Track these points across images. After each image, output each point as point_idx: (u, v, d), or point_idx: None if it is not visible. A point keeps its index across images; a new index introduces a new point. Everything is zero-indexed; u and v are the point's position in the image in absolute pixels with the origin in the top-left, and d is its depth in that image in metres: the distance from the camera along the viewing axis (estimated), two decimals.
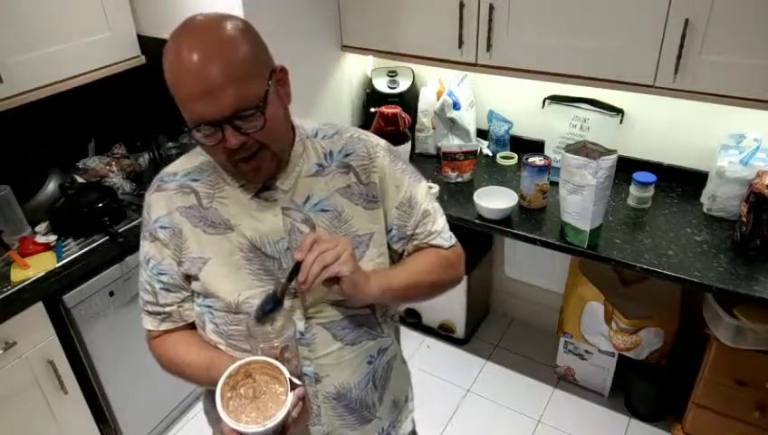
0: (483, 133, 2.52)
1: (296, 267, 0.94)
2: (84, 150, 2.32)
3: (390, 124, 2.27)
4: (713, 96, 1.74)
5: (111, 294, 1.97)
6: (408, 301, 1.20)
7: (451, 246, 1.17)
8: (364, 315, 1.10)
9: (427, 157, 2.55)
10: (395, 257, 1.15)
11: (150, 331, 1.11)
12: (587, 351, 2.35)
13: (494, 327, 2.83)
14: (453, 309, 2.64)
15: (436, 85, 2.46)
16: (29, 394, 1.83)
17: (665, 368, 2.18)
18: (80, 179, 2.17)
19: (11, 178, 1.99)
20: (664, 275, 1.77)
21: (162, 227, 1.04)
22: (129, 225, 2.04)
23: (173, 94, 0.89)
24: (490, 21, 1.98)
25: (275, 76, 0.94)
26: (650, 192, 2.07)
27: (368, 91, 2.64)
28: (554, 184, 1.99)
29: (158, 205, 1.05)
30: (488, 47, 2.03)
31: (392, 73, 2.58)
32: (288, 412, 0.88)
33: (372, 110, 2.50)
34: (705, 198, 2.04)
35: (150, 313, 1.09)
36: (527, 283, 2.69)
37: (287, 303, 1.01)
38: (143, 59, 2.22)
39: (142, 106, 2.30)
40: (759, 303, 1.65)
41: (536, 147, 2.32)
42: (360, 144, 1.10)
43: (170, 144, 2.39)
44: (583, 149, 1.76)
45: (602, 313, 2.12)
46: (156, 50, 0.91)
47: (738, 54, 1.65)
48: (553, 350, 2.47)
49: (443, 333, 2.74)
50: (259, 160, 0.95)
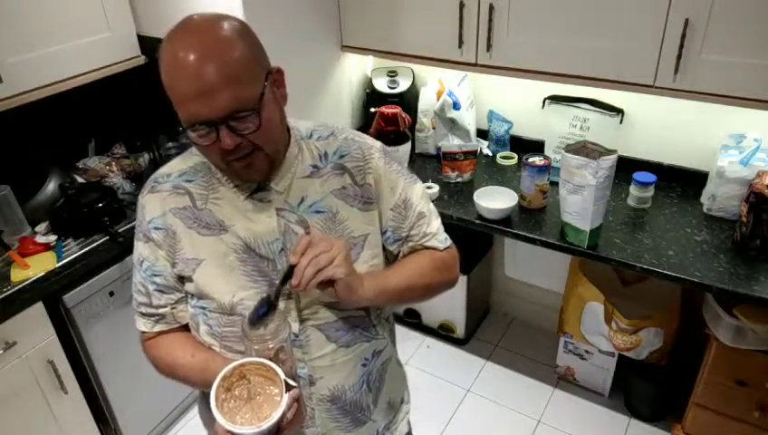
0: (483, 133, 2.52)
1: (290, 270, 0.93)
2: (84, 150, 2.32)
3: (390, 124, 2.27)
4: (713, 96, 1.74)
5: (111, 294, 1.97)
6: (403, 303, 1.20)
7: (446, 248, 1.17)
8: (358, 317, 1.09)
9: (427, 157, 2.55)
10: (390, 259, 1.15)
11: (144, 332, 1.10)
12: (587, 351, 2.35)
13: (494, 327, 2.83)
14: (453, 309, 2.64)
15: (436, 85, 2.46)
16: (29, 394, 1.83)
17: (665, 368, 2.18)
18: (80, 179, 2.16)
19: (11, 178, 1.99)
20: (664, 275, 1.77)
21: (156, 229, 1.03)
22: (129, 225, 2.04)
23: (168, 94, 0.88)
24: (490, 21, 1.98)
25: (271, 77, 0.94)
26: (650, 192, 2.07)
27: (368, 91, 2.64)
28: (554, 184, 1.99)
29: (152, 206, 1.05)
30: (488, 47, 2.03)
31: (392, 73, 2.58)
32: (283, 413, 0.87)
33: (372, 110, 2.50)
34: (705, 198, 2.04)
35: (144, 314, 1.09)
36: (527, 283, 2.69)
37: (281, 304, 1.00)
38: (143, 59, 2.22)
39: (142, 106, 2.30)
40: (759, 303, 1.65)
41: (536, 147, 2.32)
42: (355, 145, 1.09)
43: (170, 144, 2.39)
44: (583, 149, 1.76)
45: (602, 313, 2.12)
46: (156, 50, 0.91)
47: (738, 54, 1.65)
48: (553, 350, 2.47)
49: (443, 333, 2.74)
50: (252, 160, 0.94)
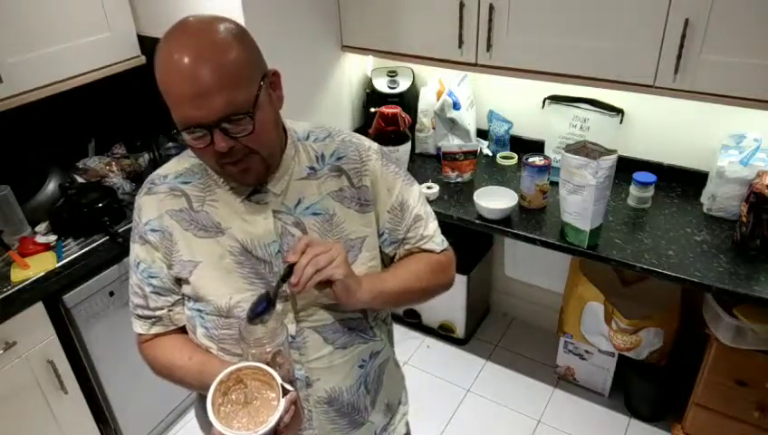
0: (483, 133, 2.52)
1: (289, 269, 0.93)
2: (84, 150, 2.32)
3: (390, 124, 2.26)
4: (713, 96, 1.73)
5: (111, 294, 1.97)
6: (400, 305, 1.20)
7: (443, 251, 1.17)
8: (356, 319, 1.09)
9: (427, 157, 2.55)
10: (386, 261, 1.14)
11: (141, 335, 1.10)
12: (587, 351, 2.35)
13: (494, 327, 2.83)
14: (453, 309, 2.64)
15: (436, 85, 2.46)
16: (29, 394, 1.83)
17: (665, 368, 2.18)
18: (80, 179, 2.16)
19: (11, 178, 1.99)
20: (664, 275, 1.77)
21: (152, 230, 1.03)
22: (129, 225, 2.00)
23: (163, 95, 0.88)
24: (490, 21, 1.98)
25: (267, 80, 0.93)
26: (650, 192, 2.07)
27: (368, 91, 2.64)
28: (554, 184, 1.99)
29: (149, 208, 1.04)
30: (488, 47, 2.03)
31: (392, 73, 2.58)
32: (280, 418, 0.87)
33: (372, 110, 2.50)
34: (705, 198, 2.04)
35: (141, 316, 1.08)
36: (527, 283, 2.69)
37: (279, 306, 1.00)
38: (143, 59, 2.22)
39: (142, 106, 2.30)
40: (759, 303, 1.65)
41: (536, 147, 2.32)
42: (352, 147, 1.09)
43: (170, 144, 2.39)
44: (583, 149, 1.76)
45: (602, 313, 2.12)
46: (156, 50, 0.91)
47: (738, 54, 1.65)
48: (553, 350, 2.47)
49: (443, 333, 2.74)
50: (248, 164, 0.94)
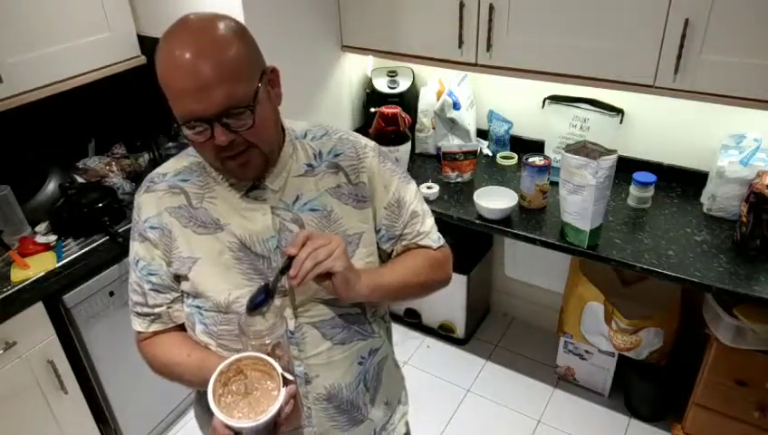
0: (483, 133, 2.52)
1: (288, 262, 0.94)
2: (84, 150, 2.32)
3: (390, 124, 2.26)
4: (713, 96, 1.74)
5: (111, 294, 1.97)
6: (398, 300, 1.21)
7: (439, 247, 1.18)
8: (354, 315, 1.10)
9: (427, 157, 2.55)
10: (384, 257, 1.16)
11: (140, 332, 1.10)
12: (587, 351, 2.35)
13: (494, 327, 2.83)
14: (453, 309, 2.64)
15: (436, 85, 2.46)
16: (29, 394, 1.83)
17: (665, 368, 2.18)
18: (80, 179, 2.16)
19: (11, 178, 1.99)
20: (664, 275, 1.77)
21: (152, 228, 1.04)
22: (129, 225, 2.02)
23: (164, 91, 0.90)
24: (490, 21, 1.98)
25: (266, 77, 0.96)
26: (650, 192, 2.07)
27: (368, 91, 2.64)
28: (554, 184, 1.99)
29: (148, 205, 1.06)
30: (488, 47, 2.03)
31: (392, 73, 2.58)
32: (280, 407, 0.88)
33: (372, 110, 2.50)
34: (705, 198, 2.04)
35: (140, 314, 1.09)
36: (527, 283, 2.69)
37: (277, 301, 1.01)
38: (143, 59, 2.22)
39: (142, 106, 2.30)
40: (759, 303, 1.65)
41: (536, 147, 2.32)
42: (349, 145, 1.11)
43: (170, 144, 2.39)
44: (583, 149, 1.76)
45: (602, 313, 2.12)
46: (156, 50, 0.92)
47: (738, 54, 1.65)
48: (553, 350, 2.47)
49: (443, 333, 2.74)
50: (247, 158, 0.96)
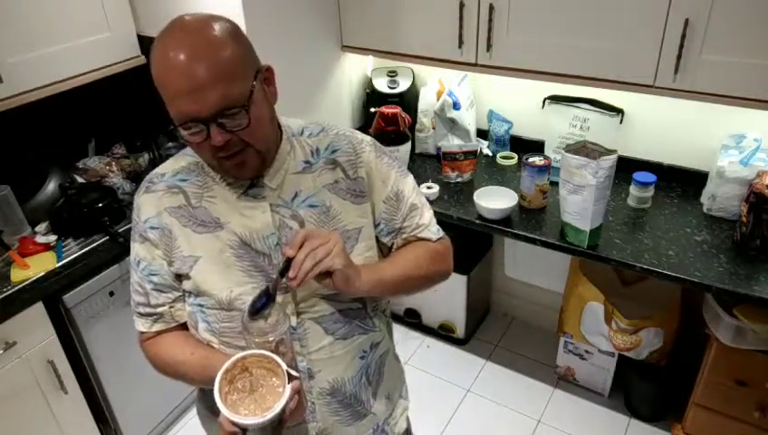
0: (483, 133, 2.52)
1: (287, 263, 0.94)
2: (84, 150, 2.32)
3: (390, 124, 2.27)
4: (713, 96, 1.74)
5: (111, 294, 1.97)
6: (399, 294, 1.21)
7: (439, 239, 1.19)
8: (355, 309, 1.10)
9: (427, 157, 2.55)
10: (384, 251, 1.16)
11: (143, 332, 1.11)
12: (587, 351, 2.35)
13: (494, 327, 2.83)
14: (453, 309, 2.64)
15: (436, 85, 2.46)
16: (29, 394, 1.83)
17: (665, 368, 2.18)
18: (80, 179, 2.16)
19: (11, 178, 1.99)
20: (664, 275, 1.77)
21: (152, 228, 1.05)
22: (129, 225, 2.02)
23: (160, 92, 0.90)
24: (490, 21, 1.98)
25: (261, 76, 0.96)
26: (650, 192, 2.07)
27: (368, 91, 2.64)
28: (554, 184, 1.99)
29: (148, 206, 1.06)
30: (488, 47, 2.03)
31: (392, 73, 2.58)
32: (286, 403, 0.89)
33: (372, 110, 2.50)
34: (705, 198, 2.04)
35: (142, 314, 1.10)
36: (527, 283, 2.68)
37: (279, 298, 1.02)
38: (143, 59, 2.22)
39: (142, 106, 2.30)
40: (759, 303, 1.65)
41: (536, 147, 2.32)
42: (346, 140, 1.11)
43: (170, 144, 2.39)
44: (583, 149, 1.76)
45: (602, 313, 2.12)
46: None
47: (738, 54, 1.65)
48: (553, 350, 2.47)
49: (443, 333, 2.74)
50: (243, 157, 0.96)
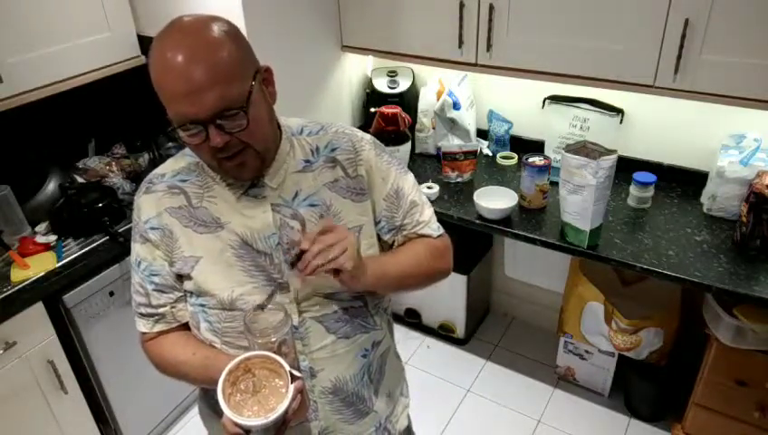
0: (483, 133, 2.52)
1: (300, 254, 0.94)
2: (84, 150, 2.32)
3: (390, 124, 2.27)
4: (713, 96, 1.73)
5: (111, 294, 1.97)
6: (400, 290, 1.22)
7: (439, 236, 1.19)
8: (357, 308, 1.11)
9: (427, 157, 2.55)
10: (385, 249, 1.17)
11: (144, 333, 1.11)
12: (587, 351, 2.35)
13: (494, 327, 2.83)
14: (453, 309, 2.64)
15: (436, 85, 2.46)
16: (29, 394, 1.83)
17: (665, 368, 2.18)
18: (80, 179, 2.16)
19: (11, 178, 1.99)
20: (664, 275, 1.77)
21: (152, 229, 1.05)
22: (129, 225, 2.03)
23: (158, 93, 0.90)
24: (490, 21, 1.98)
25: (260, 76, 0.96)
26: (650, 192, 2.07)
27: (368, 91, 2.64)
28: (554, 184, 1.99)
29: (148, 207, 1.06)
30: (488, 47, 2.03)
31: (392, 73, 2.58)
32: (289, 404, 0.89)
33: (372, 110, 2.50)
34: (705, 198, 2.04)
35: (144, 315, 1.09)
36: (527, 283, 2.69)
37: (280, 297, 1.03)
38: (143, 59, 2.22)
39: (142, 106, 2.29)
40: (759, 303, 1.65)
41: (536, 147, 2.32)
42: (345, 138, 1.11)
43: (170, 144, 2.39)
44: (583, 149, 1.76)
45: (602, 313, 2.12)
46: None
47: (738, 54, 1.65)
48: (553, 350, 2.47)
49: (443, 333, 2.74)
50: (243, 158, 0.96)
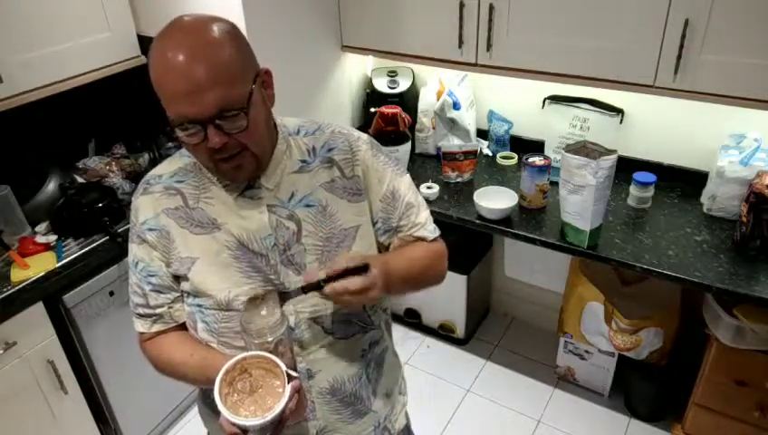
0: (483, 133, 2.52)
1: (317, 285, 0.95)
2: (84, 150, 2.32)
3: (390, 124, 2.26)
4: (713, 96, 1.74)
5: (111, 294, 1.97)
6: (398, 293, 1.21)
7: (434, 239, 1.19)
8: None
9: (427, 157, 2.55)
10: (381, 250, 1.16)
11: (142, 333, 1.11)
12: (587, 351, 2.35)
13: (494, 327, 2.83)
14: (453, 309, 2.64)
15: (436, 85, 2.46)
16: (29, 394, 1.83)
17: (665, 368, 2.18)
18: (80, 179, 2.16)
19: (11, 178, 1.99)
20: (664, 275, 1.77)
21: (150, 230, 1.05)
22: (129, 225, 2.04)
23: (157, 93, 0.90)
24: (490, 21, 1.98)
25: (259, 79, 0.96)
26: (650, 192, 2.07)
27: (368, 91, 2.64)
28: (554, 184, 1.99)
29: (145, 207, 1.07)
30: (488, 47, 2.03)
31: (392, 73, 2.58)
32: (286, 404, 0.89)
33: (372, 110, 2.50)
34: (705, 198, 2.04)
35: (141, 315, 1.10)
36: (527, 283, 2.69)
37: (278, 296, 1.02)
38: (143, 59, 2.22)
39: (142, 106, 2.29)
40: (759, 303, 1.65)
41: (536, 147, 2.32)
42: (342, 138, 1.11)
43: (170, 144, 2.39)
44: (583, 149, 1.76)
45: (602, 313, 2.12)
46: None
47: (738, 54, 1.65)
48: (553, 350, 2.47)
49: (443, 333, 2.74)
50: (240, 160, 0.96)
